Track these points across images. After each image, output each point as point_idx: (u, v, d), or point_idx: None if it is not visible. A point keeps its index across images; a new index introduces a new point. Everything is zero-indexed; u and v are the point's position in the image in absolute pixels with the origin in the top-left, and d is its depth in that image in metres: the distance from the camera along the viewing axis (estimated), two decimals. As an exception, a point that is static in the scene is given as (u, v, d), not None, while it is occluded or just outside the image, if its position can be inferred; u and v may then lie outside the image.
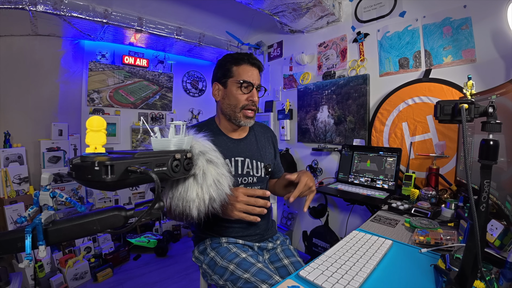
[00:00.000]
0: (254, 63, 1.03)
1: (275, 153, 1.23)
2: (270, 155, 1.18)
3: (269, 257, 1.06)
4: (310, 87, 2.21)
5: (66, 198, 0.50)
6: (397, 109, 1.67)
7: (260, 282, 0.81)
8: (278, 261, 1.02)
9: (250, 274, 0.85)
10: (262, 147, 1.15)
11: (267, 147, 1.18)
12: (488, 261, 0.68)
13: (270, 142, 1.21)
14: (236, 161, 1.05)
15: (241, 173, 1.05)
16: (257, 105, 1.06)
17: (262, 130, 1.22)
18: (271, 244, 1.08)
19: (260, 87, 1.06)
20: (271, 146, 1.22)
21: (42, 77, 2.31)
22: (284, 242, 1.13)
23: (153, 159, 0.54)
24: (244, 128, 1.13)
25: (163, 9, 2.24)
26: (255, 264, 0.88)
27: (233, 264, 0.90)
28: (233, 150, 1.06)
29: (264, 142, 1.18)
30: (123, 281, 2.00)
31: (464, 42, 1.40)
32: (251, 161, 1.08)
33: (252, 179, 1.07)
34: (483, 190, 0.51)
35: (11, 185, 1.99)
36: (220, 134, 1.07)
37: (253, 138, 1.15)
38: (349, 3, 1.98)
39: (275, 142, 1.25)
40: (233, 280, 0.87)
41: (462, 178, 1.21)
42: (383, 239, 0.82)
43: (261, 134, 1.19)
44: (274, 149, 1.23)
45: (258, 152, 1.12)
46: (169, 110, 3.06)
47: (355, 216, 1.91)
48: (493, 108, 0.53)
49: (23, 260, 0.44)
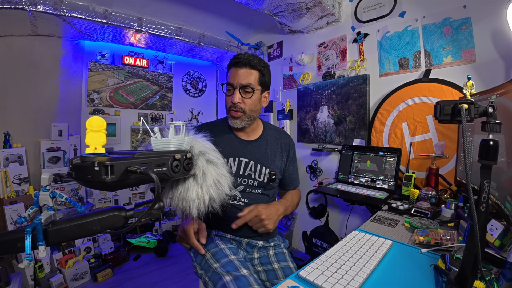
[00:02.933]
0: (238, 62, 0.99)
1: (287, 162, 1.14)
2: (279, 162, 1.11)
3: (260, 258, 1.04)
4: (310, 87, 2.22)
5: (66, 198, 0.50)
6: (397, 109, 1.67)
7: (225, 273, 0.82)
8: (268, 264, 1.01)
9: (219, 265, 0.86)
10: (272, 153, 1.10)
11: (277, 153, 1.12)
12: (488, 261, 0.68)
13: (282, 149, 1.13)
14: (240, 161, 1.04)
15: (242, 174, 1.04)
16: (242, 106, 0.99)
17: (277, 136, 1.15)
18: (261, 243, 1.05)
19: (246, 86, 0.98)
20: (283, 153, 1.13)
21: (42, 77, 2.31)
22: (279, 245, 1.09)
23: (153, 159, 0.54)
24: (255, 130, 1.11)
25: (163, 9, 2.24)
26: (228, 256, 0.89)
27: (209, 253, 0.93)
28: (238, 150, 1.06)
29: (275, 148, 1.12)
30: (123, 282, 2.00)
31: (464, 42, 1.40)
32: (256, 164, 1.06)
33: (253, 182, 1.05)
34: (483, 190, 0.51)
35: (11, 186, 1.99)
36: (229, 132, 1.09)
37: (263, 142, 1.11)
38: (349, 3, 1.98)
39: (289, 151, 1.15)
40: (206, 269, 0.90)
41: (462, 178, 1.21)
42: (383, 239, 0.82)
43: (273, 140, 1.13)
44: (288, 158, 1.15)
45: (265, 157, 1.08)
46: (169, 110, 3.06)
47: (355, 216, 1.91)
48: (493, 108, 0.53)
49: (23, 260, 0.44)
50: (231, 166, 1.04)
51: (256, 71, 1.00)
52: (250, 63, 0.99)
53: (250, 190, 1.05)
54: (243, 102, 1.00)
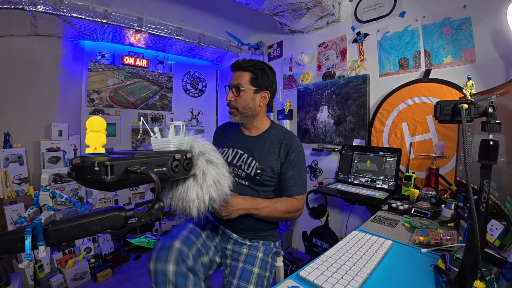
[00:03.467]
0: (233, 66, 1.14)
1: (285, 163, 1.09)
2: (273, 160, 1.09)
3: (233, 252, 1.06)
4: (310, 87, 2.22)
5: (66, 198, 0.50)
6: (397, 109, 1.67)
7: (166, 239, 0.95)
8: (236, 260, 1.02)
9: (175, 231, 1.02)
10: (268, 150, 1.11)
11: (274, 152, 1.11)
12: (488, 261, 0.68)
13: (281, 149, 1.10)
14: (236, 152, 1.14)
15: (235, 164, 1.12)
16: (234, 104, 1.12)
17: (281, 136, 1.14)
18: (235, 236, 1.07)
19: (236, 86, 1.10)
20: (281, 153, 1.10)
21: (42, 78, 2.31)
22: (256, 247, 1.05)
23: (153, 159, 0.54)
24: (258, 127, 1.19)
25: (163, 10, 2.24)
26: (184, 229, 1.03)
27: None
28: (239, 142, 1.17)
29: (274, 147, 1.11)
30: (123, 282, 2.00)
31: (463, 42, 1.40)
32: (248, 157, 1.11)
33: (241, 173, 1.10)
34: (483, 190, 0.51)
35: (11, 186, 1.99)
36: (237, 127, 1.25)
37: (263, 139, 1.14)
38: (349, 4, 1.98)
39: (290, 152, 1.10)
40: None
41: (462, 178, 1.21)
42: (383, 239, 0.82)
43: (275, 139, 1.13)
44: (286, 159, 1.10)
45: (259, 152, 1.11)
46: (169, 111, 3.06)
47: (355, 216, 1.91)
48: (493, 108, 0.53)
49: (23, 260, 0.44)
50: (229, 156, 1.14)
51: (247, 72, 1.11)
52: (241, 65, 1.12)
53: (238, 179, 1.11)
54: (235, 100, 1.12)
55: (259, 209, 1.00)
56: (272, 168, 1.08)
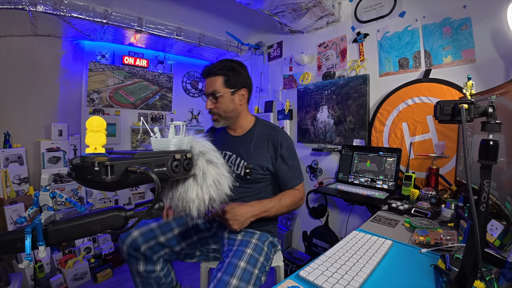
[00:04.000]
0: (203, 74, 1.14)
1: (276, 159, 1.11)
2: (262, 158, 1.10)
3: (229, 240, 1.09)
4: (310, 87, 2.22)
5: (66, 198, 0.50)
6: (397, 109, 1.67)
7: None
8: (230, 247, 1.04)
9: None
10: (255, 148, 1.12)
11: (263, 149, 1.11)
12: (488, 261, 0.68)
13: (268, 145, 1.12)
14: (225, 154, 1.16)
15: None
16: (215, 110, 1.12)
17: (267, 132, 1.15)
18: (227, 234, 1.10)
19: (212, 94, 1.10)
20: (269, 150, 1.12)
21: (42, 78, 2.31)
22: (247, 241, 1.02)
23: (153, 159, 0.54)
24: (242, 126, 1.19)
25: (163, 10, 2.24)
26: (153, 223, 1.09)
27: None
28: (228, 145, 1.18)
29: (261, 144, 1.12)
30: (123, 282, 2.00)
31: (463, 42, 1.40)
32: (236, 158, 1.12)
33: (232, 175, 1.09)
34: (483, 190, 0.51)
35: (11, 186, 1.99)
36: (224, 129, 1.24)
37: (249, 137, 1.16)
38: (349, 4, 1.98)
39: (279, 148, 1.11)
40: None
41: (462, 178, 1.21)
42: (383, 239, 0.82)
43: (261, 136, 1.14)
44: (277, 155, 1.11)
45: (246, 151, 1.12)
46: (169, 111, 3.06)
47: (355, 216, 1.91)
48: (493, 108, 0.53)
49: (23, 260, 0.44)
50: None
51: (219, 76, 1.10)
52: (211, 71, 1.10)
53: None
54: (215, 107, 1.12)
55: (267, 210, 1.03)
56: (261, 165, 1.10)
